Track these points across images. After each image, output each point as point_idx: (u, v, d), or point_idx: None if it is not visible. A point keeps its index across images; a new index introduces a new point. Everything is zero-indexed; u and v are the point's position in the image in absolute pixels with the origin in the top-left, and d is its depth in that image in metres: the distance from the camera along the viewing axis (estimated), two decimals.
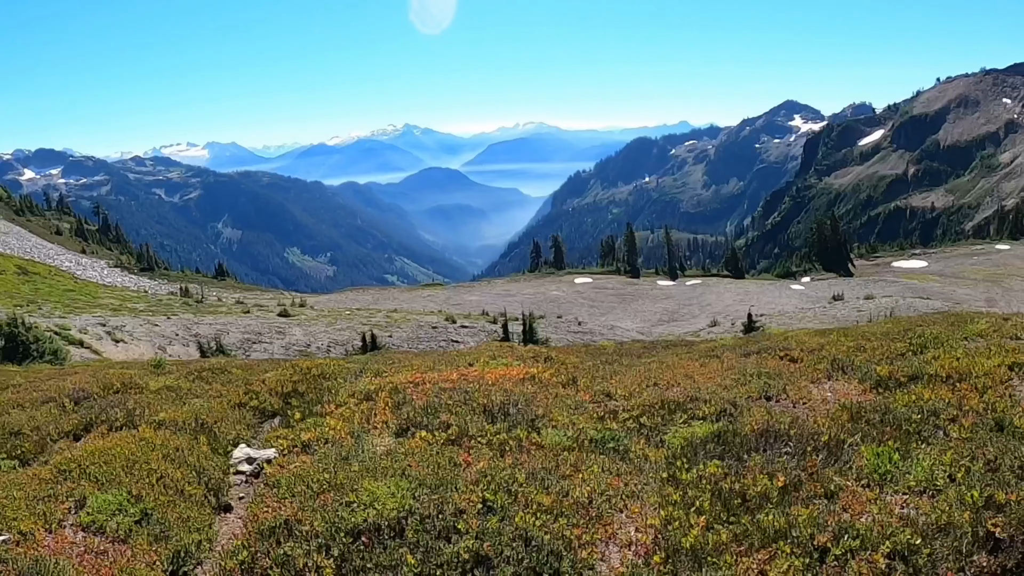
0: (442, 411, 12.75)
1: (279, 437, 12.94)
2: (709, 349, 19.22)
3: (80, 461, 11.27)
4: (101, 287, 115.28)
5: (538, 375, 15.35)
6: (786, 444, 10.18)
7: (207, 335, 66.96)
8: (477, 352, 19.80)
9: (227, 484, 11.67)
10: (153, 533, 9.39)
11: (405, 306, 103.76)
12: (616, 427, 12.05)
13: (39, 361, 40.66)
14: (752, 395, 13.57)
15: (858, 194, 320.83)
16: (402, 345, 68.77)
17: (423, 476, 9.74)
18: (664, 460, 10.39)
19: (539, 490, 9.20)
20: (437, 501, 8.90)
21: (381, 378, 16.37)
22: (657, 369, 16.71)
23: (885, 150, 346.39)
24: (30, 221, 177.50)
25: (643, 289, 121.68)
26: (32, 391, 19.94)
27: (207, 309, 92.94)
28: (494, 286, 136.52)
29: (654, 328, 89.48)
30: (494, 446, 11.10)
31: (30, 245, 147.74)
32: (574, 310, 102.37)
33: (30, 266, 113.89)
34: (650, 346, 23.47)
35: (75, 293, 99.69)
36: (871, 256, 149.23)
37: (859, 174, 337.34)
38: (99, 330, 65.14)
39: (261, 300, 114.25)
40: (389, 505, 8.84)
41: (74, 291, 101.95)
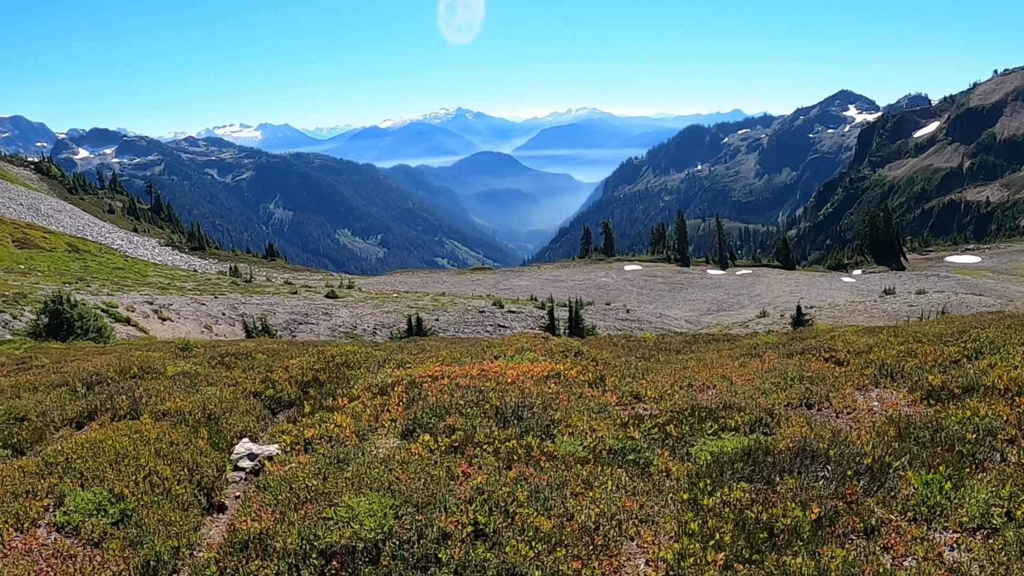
0: (452, 412, 11.83)
1: (284, 432, 12.21)
2: (751, 347, 18.03)
3: (68, 454, 10.65)
4: (150, 265, 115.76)
5: (564, 372, 14.34)
6: (824, 466, 9.04)
7: (253, 315, 66.68)
8: (507, 343, 18.85)
9: (224, 482, 10.96)
10: (129, 537, 8.68)
11: (453, 289, 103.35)
12: (639, 436, 10.90)
13: (83, 338, 40.44)
14: (792, 402, 12.46)
15: (912, 187, 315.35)
16: (448, 329, 68.27)
17: (412, 490, 8.82)
18: (687, 478, 9.24)
19: (540, 511, 8.25)
20: (421, 522, 8.00)
21: (403, 370, 15.60)
22: (694, 368, 15.64)
23: (940, 142, 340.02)
24: (83, 199, 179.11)
25: (693, 278, 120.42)
26: (52, 373, 19.47)
27: (255, 289, 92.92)
28: (543, 271, 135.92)
29: (703, 317, 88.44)
30: (501, 455, 10.09)
31: (83, 223, 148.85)
32: (623, 297, 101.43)
33: (81, 244, 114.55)
34: (691, 340, 22.32)
35: (124, 271, 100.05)
36: (924, 250, 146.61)
37: (913, 166, 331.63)
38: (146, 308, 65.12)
39: (309, 281, 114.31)
40: (368, 524, 7.98)
41: (123, 269, 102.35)
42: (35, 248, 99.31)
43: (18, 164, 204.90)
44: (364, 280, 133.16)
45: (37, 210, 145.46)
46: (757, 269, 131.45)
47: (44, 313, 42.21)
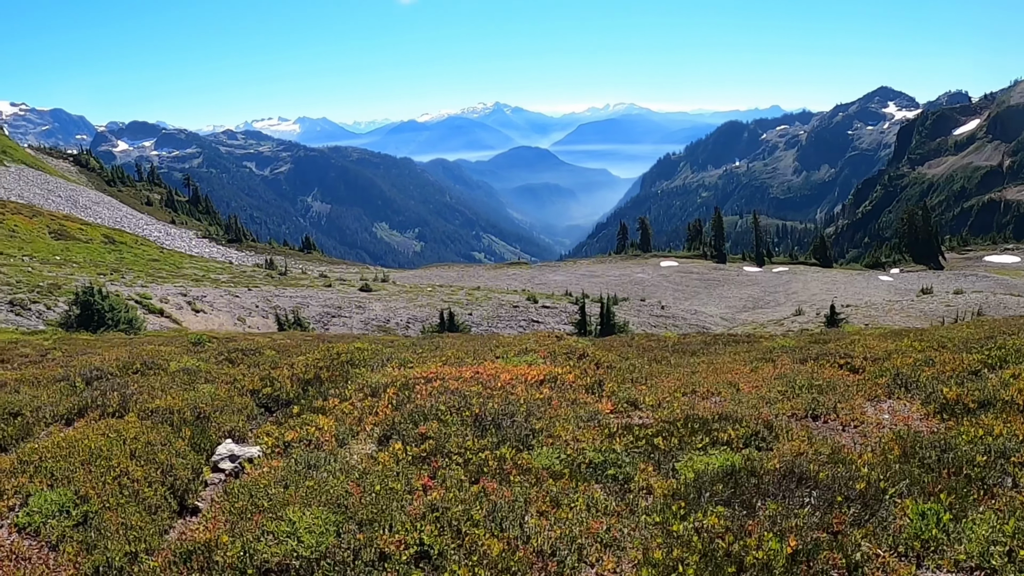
0: (430, 418, 11.27)
1: (268, 434, 11.78)
2: (767, 350, 17.31)
3: (43, 453, 10.36)
4: (186, 257, 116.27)
5: (562, 376, 13.77)
6: (812, 491, 8.23)
7: (286, 308, 66.75)
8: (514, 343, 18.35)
9: (200, 484, 10.56)
10: (86, 541, 8.30)
11: (489, 284, 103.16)
12: (622, 448, 10.19)
13: (113, 330, 40.52)
14: (797, 412, 11.73)
15: (951, 185, 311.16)
16: (481, 324, 68.08)
17: (361, 505, 8.27)
18: (663, 499, 8.47)
19: (495, 532, 7.65)
20: (361, 542, 7.46)
21: (402, 369, 15.15)
22: (703, 372, 14.97)
23: (980, 140, 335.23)
24: (121, 191, 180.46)
25: (729, 274, 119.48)
26: (59, 366, 19.23)
27: (289, 282, 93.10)
28: (579, 266, 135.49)
29: (738, 315, 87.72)
30: (470, 467, 9.50)
31: (120, 215, 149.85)
32: (658, 293, 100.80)
33: (117, 235, 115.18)
34: (711, 341, 21.69)
35: (159, 263, 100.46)
36: (962, 249, 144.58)
37: (952, 164, 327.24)
38: (180, 300, 65.33)
39: (345, 274, 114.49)
40: (306, 542, 7.50)
41: (159, 261, 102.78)
42: (71, 239, 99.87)
43: (57, 156, 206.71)
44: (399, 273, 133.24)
45: (75, 202, 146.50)
46: (794, 267, 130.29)
47: (75, 304, 42.39)
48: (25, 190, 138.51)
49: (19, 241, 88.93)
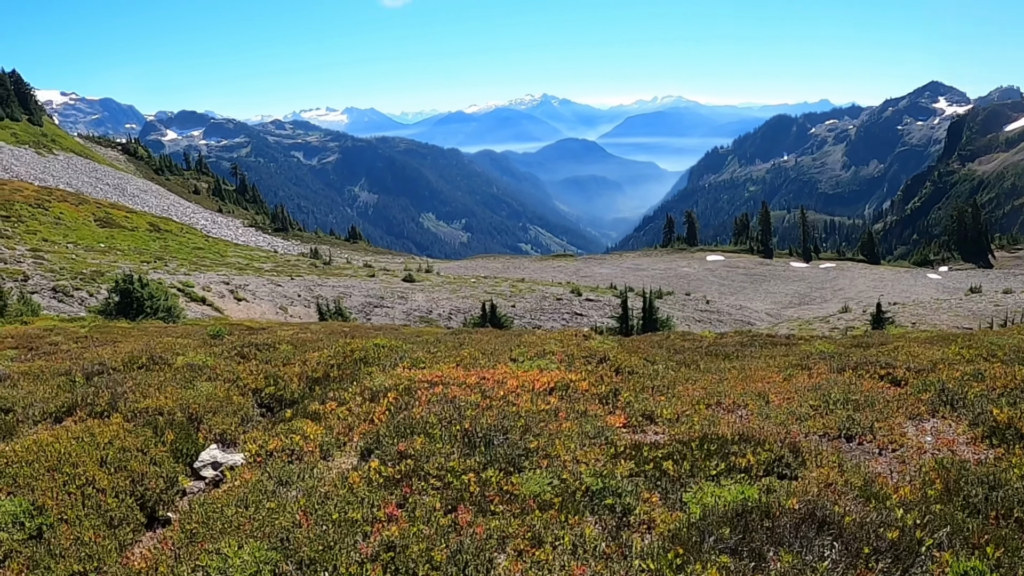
0: (417, 431, 10.26)
1: (254, 440, 10.95)
2: (804, 355, 16.08)
3: (10, 456, 9.63)
4: (231, 246, 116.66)
5: (574, 383, 12.68)
6: (835, 539, 6.95)
7: (328, 297, 66.64)
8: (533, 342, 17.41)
9: (174, 494, 9.80)
10: (34, 557, 7.61)
11: (534, 276, 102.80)
12: (625, 473, 8.94)
13: (152, 317, 40.33)
14: (829, 432, 10.43)
15: (1002, 182, 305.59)
16: (524, 316, 67.68)
17: (306, 540, 7.31)
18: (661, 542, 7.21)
19: None
20: None
21: (412, 370, 14.25)
22: (732, 380, 13.73)
23: None
24: (169, 180, 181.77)
25: (775, 270, 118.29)
26: (68, 359, 18.71)
27: (332, 271, 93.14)
28: (625, 259, 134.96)
29: (784, 311, 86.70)
30: (449, 492, 8.44)
31: (167, 203, 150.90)
32: (703, 288, 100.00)
33: (163, 223, 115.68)
34: (748, 342, 20.62)
35: (204, 251, 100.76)
36: (1013, 248, 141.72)
37: (1004, 161, 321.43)
38: (222, 288, 65.43)
39: (389, 264, 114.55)
40: None
41: (203, 249, 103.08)
42: (116, 227, 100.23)
43: (106, 145, 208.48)
44: (444, 264, 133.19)
45: (123, 190, 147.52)
46: (841, 263, 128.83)
47: (115, 292, 42.27)
48: (73, 178, 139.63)
49: (64, 228, 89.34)
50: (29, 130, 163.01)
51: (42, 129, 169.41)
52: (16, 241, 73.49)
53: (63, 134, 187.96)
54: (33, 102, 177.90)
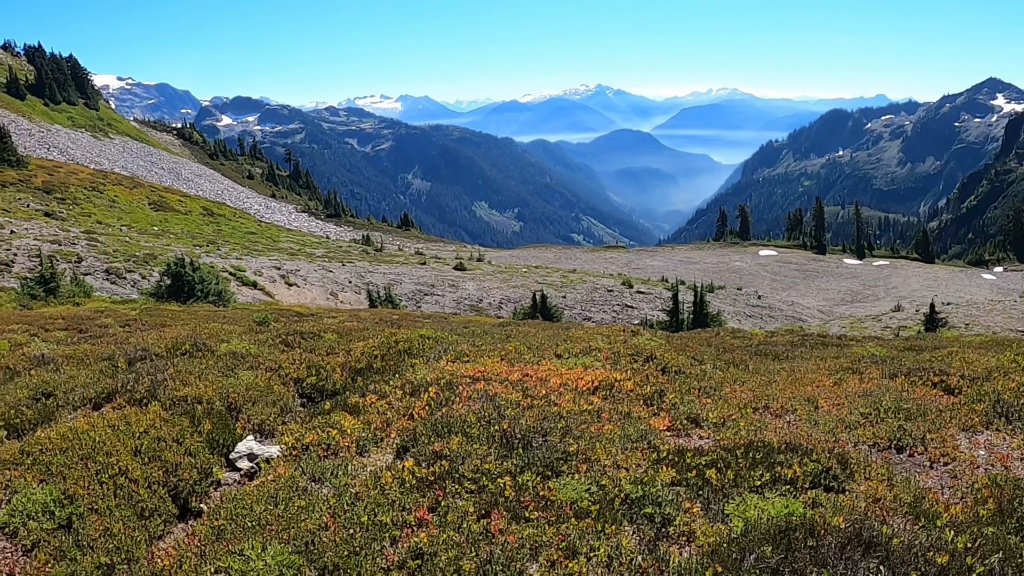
0: (455, 430, 10.01)
1: (291, 432, 10.79)
2: (856, 359, 15.56)
3: (44, 444, 9.52)
4: (283, 231, 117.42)
5: (619, 383, 12.41)
6: (881, 563, 6.51)
7: (379, 284, 66.97)
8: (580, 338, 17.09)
9: (208, 485, 9.69)
10: (61, 547, 7.51)
11: (585, 266, 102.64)
12: (666, 480, 8.57)
13: (203, 301, 40.70)
14: (880, 442, 9.98)
15: None
16: (574, 307, 67.57)
17: (331, 545, 7.11)
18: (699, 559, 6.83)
19: None
20: None
21: (456, 364, 14.00)
22: (781, 382, 13.31)
23: None
24: (223, 165, 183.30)
25: (828, 266, 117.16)
26: (112, 343, 18.77)
27: (384, 258, 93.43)
28: (677, 252, 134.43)
29: (836, 308, 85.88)
30: (483, 496, 8.16)
31: (221, 188, 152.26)
32: (755, 283, 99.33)
33: (216, 208, 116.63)
34: (799, 342, 20.18)
35: (256, 236, 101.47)
36: None
37: None
38: (273, 273, 65.88)
39: (441, 252, 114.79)
40: None
41: (255, 234, 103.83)
42: (170, 211, 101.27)
43: (161, 129, 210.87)
44: (495, 253, 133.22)
45: (178, 174, 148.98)
46: (895, 260, 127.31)
47: (166, 275, 42.70)
48: (128, 162, 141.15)
49: (119, 211, 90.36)
50: (85, 114, 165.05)
51: (98, 113, 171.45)
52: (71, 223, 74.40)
53: (119, 118, 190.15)
54: (90, 87, 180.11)
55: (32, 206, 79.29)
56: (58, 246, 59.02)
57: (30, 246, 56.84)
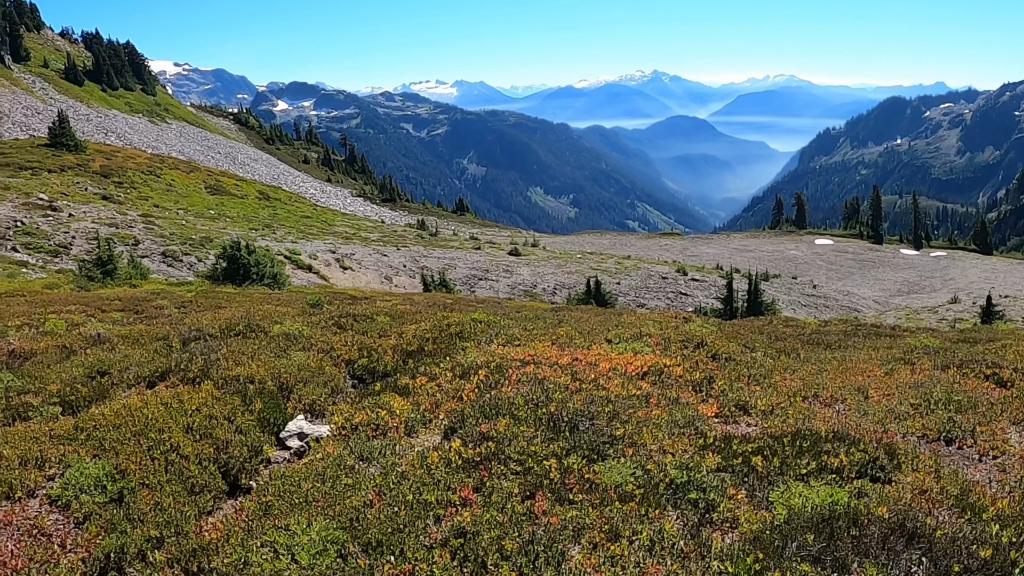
0: (503, 412, 10.03)
1: (341, 412, 10.92)
2: (908, 349, 15.31)
3: (98, 420, 9.82)
4: (338, 215, 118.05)
5: (668, 369, 12.41)
6: (924, 554, 6.43)
7: (433, 269, 67.13)
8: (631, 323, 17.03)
9: (257, 463, 9.85)
10: (112, 520, 7.67)
11: (640, 253, 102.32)
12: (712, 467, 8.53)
13: (258, 284, 41.02)
14: (929, 434, 9.83)
15: None
16: (628, 294, 67.42)
17: (375, 522, 7.17)
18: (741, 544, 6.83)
19: (524, 570, 6.38)
20: (361, 569, 6.40)
21: (507, 348, 14.00)
22: (831, 372, 13.22)
23: None
24: (279, 149, 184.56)
25: (885, 256, 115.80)
26: (168, 324, 18.99)
27: (439, 242, 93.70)
28: (732, 240, 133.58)
29: (891, 299, 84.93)
30: (528, 478, 8.16)
31: (277, 172, 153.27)
32: (811, 272, 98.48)
33: (272, 192, 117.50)
34: (852, 331, 19.89)
35: (311, 220, 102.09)
36: None
37: None
38: (328, 257, 66.25)
39: (496, 237, 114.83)
40: (302, 561, 6.57)
41: (311, 218, 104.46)
42: (226, 195, 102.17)
43: (218, 114, 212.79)
44: (550, 239, 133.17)
45: (234, 159, 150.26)
46: (952, 251, 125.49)
47: (222, 258, 43.04)
48: (185, 146, 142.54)
49: (175, 195, 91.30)
50: (143, 99, 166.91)
51: (155, 98, 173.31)
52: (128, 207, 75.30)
53: (176, 103, 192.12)
54: (147, 72, 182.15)
55: (90, 190, 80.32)
56: (115, 229, 59.76)
57: (88, 229, 57.62)
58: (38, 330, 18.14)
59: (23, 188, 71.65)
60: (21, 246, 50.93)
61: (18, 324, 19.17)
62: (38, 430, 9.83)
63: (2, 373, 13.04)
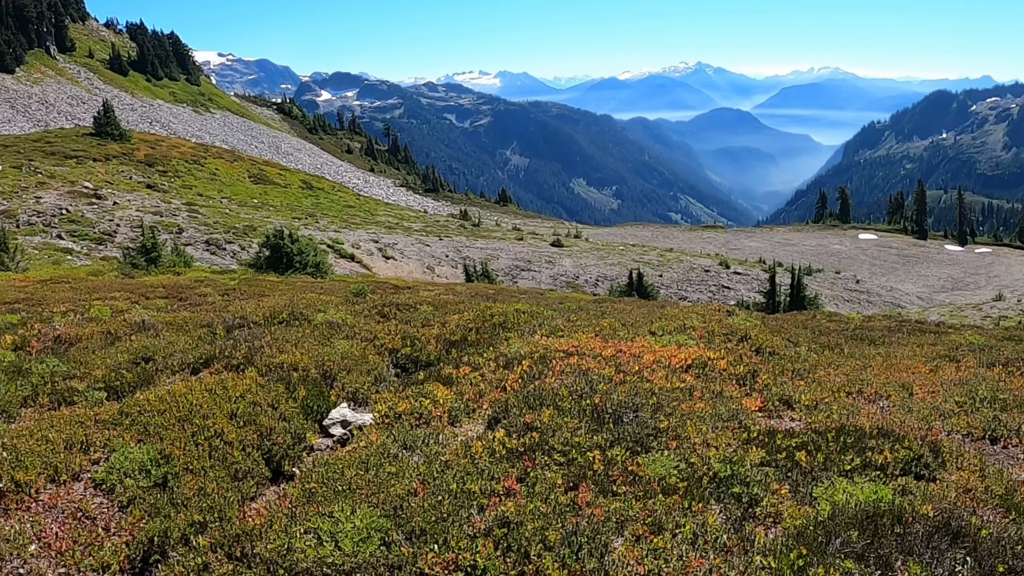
0: (547, 403, 10.01)
1: (384, 401, 10.96)
2: (953, 346, 15.11)
3: (143, 406, 9.90)
4: (381, 205, 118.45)
5: (712, 362, 12.33)
6: (969, 554, 6.37)
7: (476, 259, 67.27)
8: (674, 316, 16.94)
9: (300, 450, 9.92)
10: (156, 504, 7.76)
11: (682, 246, 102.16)
12: (755, 461, 8.51)
13: (301, 272, 41.21)
14: (973, 432, 9.70)
15: None
16: (670, 287, 67.32)
17: (419, 510, 7.19)
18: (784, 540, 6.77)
19: (567, 563, 6.34)
20: (405, 557, 6.42)
21: (550, 338, 13.99)
22: (876, 368, 13.11)
23: None
24: (322, 139, 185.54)
25: (929, 252, 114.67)
26: (212, 311, 19.12)
27: (481, 233, 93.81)
28: (775, 234, 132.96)
29: (935, 295, 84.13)
30: (572, 469, 8.14)
31: (320, 162, 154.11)
32: (854, 267, 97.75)
33: (315, 181, 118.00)
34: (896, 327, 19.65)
35: (354, 209, 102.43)
36: None
37: None
38: (371, 246, 66.47)
39: (538, 228, 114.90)
40: (345, 548, 6.57)
41: (353, 207, 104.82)
42: (270, 184, 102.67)
43: (261, 104, 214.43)
44: (593, 230, 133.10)
45: (277, 148, 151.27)
46: (997, 248, 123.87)
47: (265, 246, 43.28)
48: (229, 136, 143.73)
49: (219, 184, 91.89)
50: (187, 89, 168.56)
51: (199, 88, 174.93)
52: (172, 195, 75.92)
53: (220, 93, 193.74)
54: (191, 62, 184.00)
55: (134, 178, 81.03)
56: (159, 217, 60.27)
57: (132, 217, 58.16)
58: (83, 316, 18.29)
59: (68, 177, 72.38)
60: (66, 233, 51.48)
61: (63, 310, 19.35)
62: (83, 415, 9.90)
63: (48, 358, 13.15)
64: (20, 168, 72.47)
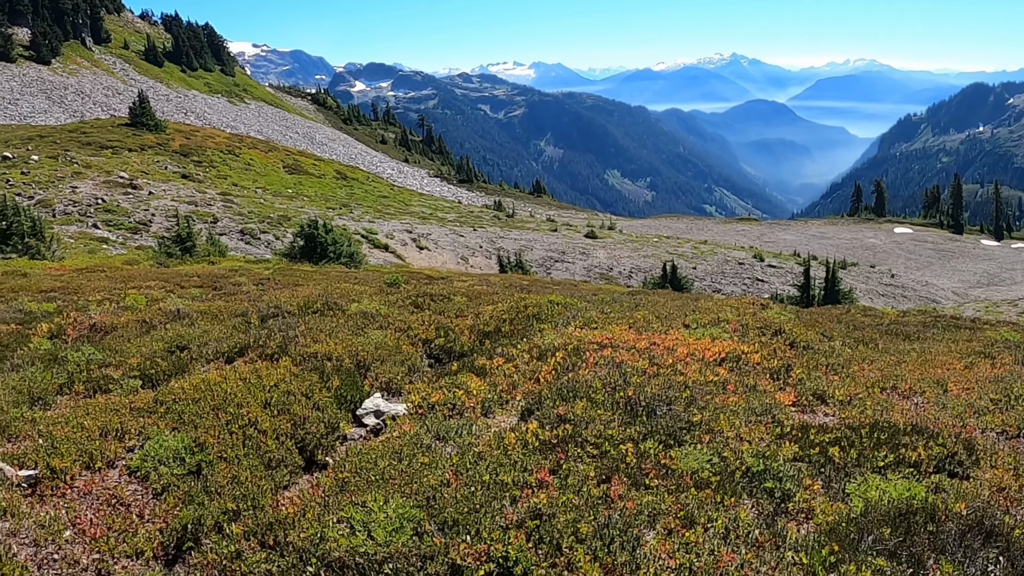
0: (580, 395, 10.01)
1: (417, 391, 11.02)
2: (988, 343, 14.91)
3: (178, 394, 9.99)
4: (415, 195, 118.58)
5: (746, 355, 12.33)
6: (1002, 553, 6.30)
7: (510, 250, 67.25)
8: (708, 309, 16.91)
9: (334, 439, 9.97)
10: (189, 492, 7.82)
11: (717, 238, 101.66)
12: (788, 456, 8.45)
13: (335, 262, 41.39)
14: (1008, 429, 9.59)
15: None
16: (704, 279, 67.10)
17: (452, 501, 7.19)
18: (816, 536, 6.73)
19: (599, 555, 6.32)
20: (437, 547, 6.42)
21: (584, 330, 13.97)
22: (910, 363, 13.04)
23: None
24: (356, 130, 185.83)
25: (965, 247, 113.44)
26: (246, 300, 19.21)
27: (515, 224, 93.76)
28: (809, 227, 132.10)
29: (971, 290, 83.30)
30: (604, 461, 8.12)
31: (354, 152, 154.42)
32: (889, 261, 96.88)
33: (349, 172, 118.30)
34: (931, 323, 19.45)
35: (388, 199, 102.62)
36: None
37: None
38: (405, 236, 66.62)
39: (572, 220, 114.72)
40: (377, 538, 6.57)
41: (387, 197, 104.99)
42: (304, 174, 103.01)
43: (295, 95, 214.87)
44: (627, 222, 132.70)
45: (312, 138, 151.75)
46: None
47: (299, 236, 43.52)
48: (264, 126, 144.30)
49: (254, 174, 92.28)
50: (221, 80, 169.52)
51: (234, 79, 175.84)
52: (207, 185, 76.33)
53: (254, 84, 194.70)
54: (225, 53, 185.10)
55: (169, 168, 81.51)
56: (194, 207, 60.67)
57: (167, 207, 58.57)
58: (119, 305, 18.44)
59: (104, 167, 72.93)
60: (102, 223, 51.93)
61: (99, 299, 19.54)
62: (118, 402, 9.99)
63: (84, 346, 13.27)
64: (56, 158, 73.09)
